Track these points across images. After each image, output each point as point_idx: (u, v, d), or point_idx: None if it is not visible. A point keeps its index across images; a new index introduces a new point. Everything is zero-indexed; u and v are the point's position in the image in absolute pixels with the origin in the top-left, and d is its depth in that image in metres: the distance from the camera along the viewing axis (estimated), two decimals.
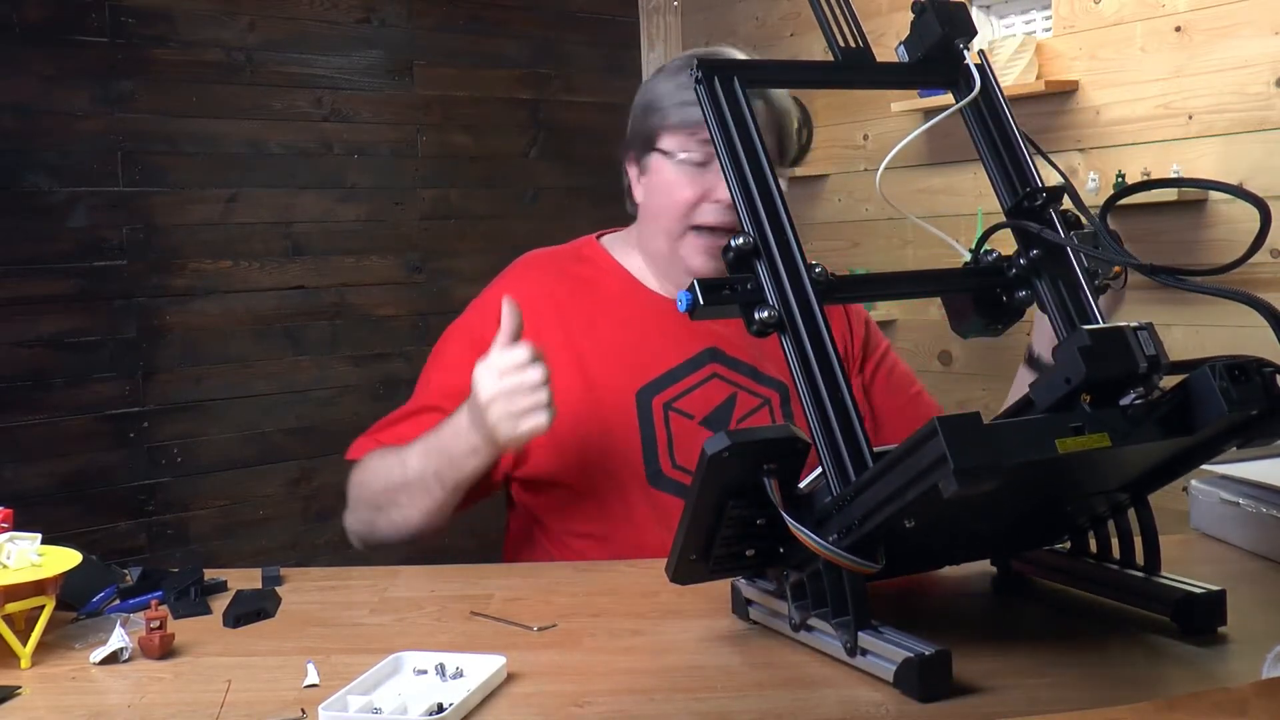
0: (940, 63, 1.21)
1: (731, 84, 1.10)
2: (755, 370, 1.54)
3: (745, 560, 1.07)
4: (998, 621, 1.17)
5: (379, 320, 3.70)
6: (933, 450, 0.87)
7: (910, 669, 0.94)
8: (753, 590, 1.13)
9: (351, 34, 3.65)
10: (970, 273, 1.17)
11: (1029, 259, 1.14)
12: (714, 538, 1.04)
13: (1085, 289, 1.12)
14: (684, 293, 1.02)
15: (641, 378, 1.51)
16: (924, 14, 1.19)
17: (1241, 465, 1.38)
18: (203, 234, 3.38)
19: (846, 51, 1.18)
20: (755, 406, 1.52)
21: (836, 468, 0.99)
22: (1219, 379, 0.95)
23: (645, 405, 1.50)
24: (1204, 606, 1.07)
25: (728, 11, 4.14)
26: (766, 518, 1.02)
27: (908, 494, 0.91)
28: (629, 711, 0.97)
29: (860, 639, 0.98)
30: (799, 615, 1.05)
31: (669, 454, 1.49)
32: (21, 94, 3.06)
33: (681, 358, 1.52)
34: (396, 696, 0.99)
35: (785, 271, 1.04)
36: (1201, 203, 2.84)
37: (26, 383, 3.08)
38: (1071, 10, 3.13)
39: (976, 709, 0.94)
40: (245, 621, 1.23)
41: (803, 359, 1.02)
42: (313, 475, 3.53)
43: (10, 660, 1.11)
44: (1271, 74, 2.75)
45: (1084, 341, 0.93)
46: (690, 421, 1.50)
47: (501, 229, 3.89)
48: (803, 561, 1.03)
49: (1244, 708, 0.80)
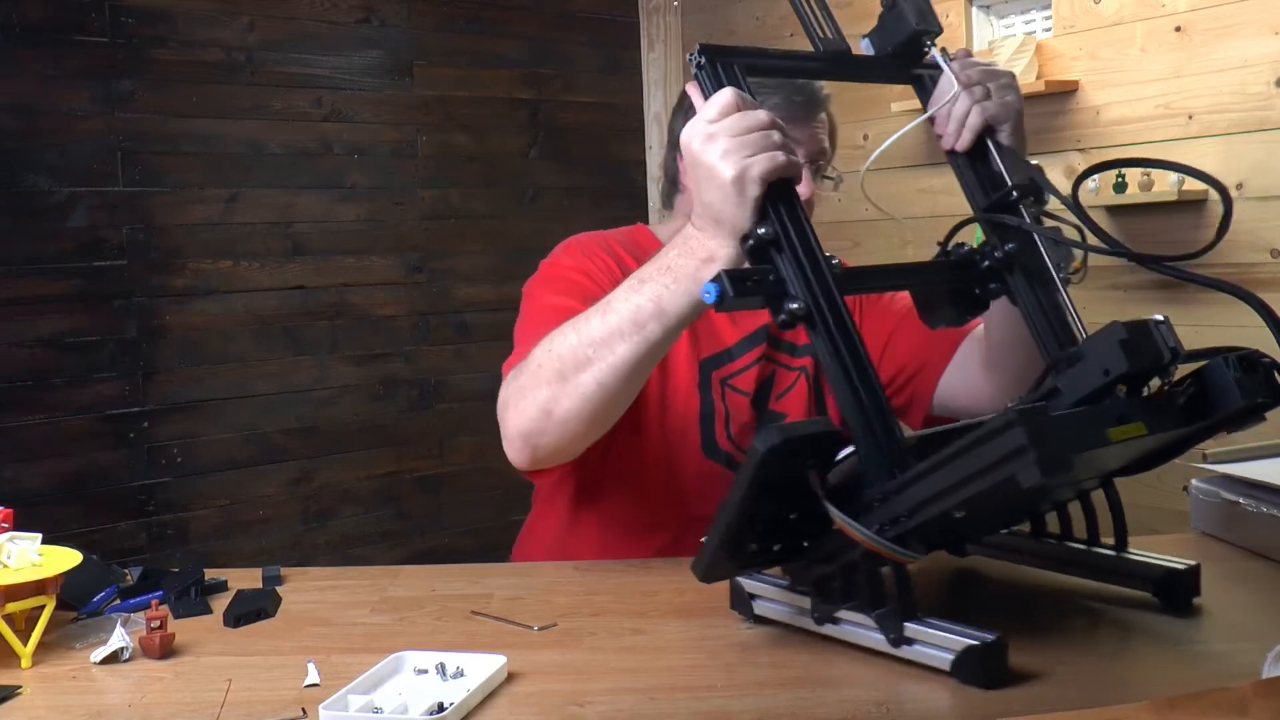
0: (912, 59, 1.22)
1: (733, 69, 1.10)
2: (793, 345, 1.58)
3: (772, 555, 1.06)
4: (990, 608, 1.18)
5: (379, 320, 3.70)
6: (1011, 441, 0.88)
7: (972, 657, 0.95)
8: (758, 585, 1.12)
9: (351, 34, 3.65)
10: (946, 266, 1.19)
11: (1003, 252, 1.16)
12: (747, 534, 1.03)
13: (1057, 283, 1.15)
14: (712, 284, 1.00)
15: (706, 350, 1.54)
16: (895, 8, 1.19)
17: (1241, 465, 1.38)
18: (203, 234, 3.38)
19: (826, 42, 1.19)
20: (792, 381, 1.56)
21: (874, 460, 0.99)
22: (1232, 369, 0.97)
23: (705, 378, 1.53)
24: (1184, 581, 1.13)
25: (728, 11, 4.14)
26: (799, 512, 1.02)
27: (975, 485, 0.91)
28: (629, 711, 0.97)
29: (907, 629, 0.98)
30: (825, 609, 1.04)
31: (725, 427, 1.52)
32: (21, 94, 3.06)
33: (738, 336, 1.56)
34: (397, 696, 1.00)
35: (807, 263, 1.04)
36: (1201, 202, 2.84)
37: (26, 383, 3.08)
38: (1071, 10, 3.13)
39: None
40: (245, 621, 1.23)
41: (834, 352, 1.02)
42: (313, 475, 3.53)
43: (10, 660, 1.11)
44: (1271, 74, 2.75)
45: (1122, 335, 0.94)
46: (744, 399, 1.54)
47: (501, 229, 3.89)
48: (833, 554, 1.02)
49: (1244, 708, 0.80)
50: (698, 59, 1.09)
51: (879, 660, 1.03)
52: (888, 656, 1.03)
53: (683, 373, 1.52)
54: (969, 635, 0.96)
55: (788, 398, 1.56)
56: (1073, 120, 3.15)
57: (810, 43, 1.19)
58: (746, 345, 1.56)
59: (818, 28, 1.19)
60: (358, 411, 3.64)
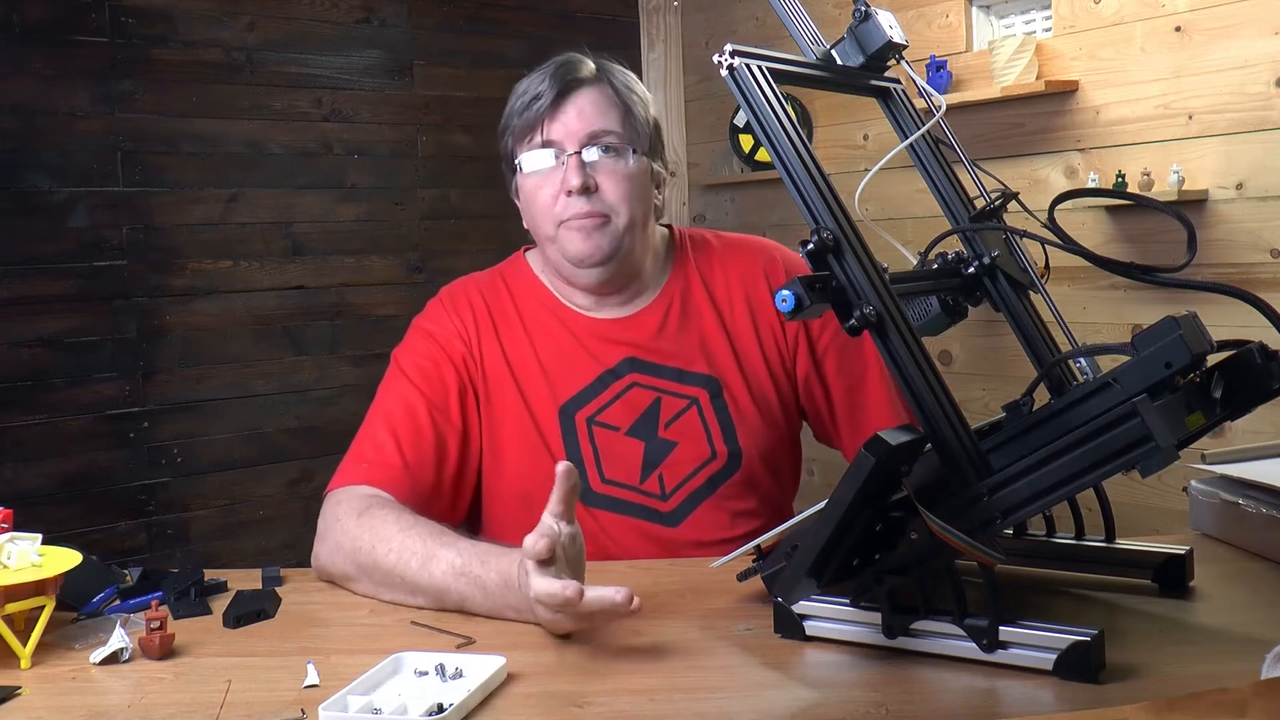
0: (875, 71, 1.22)
1: (762, 70, 1.07)
2: (679, 371, 1.53)
3: (850, 570, 1.04)
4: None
5: (379, 320, 3.70)
6: (1133, 433, 0.91)
7: (1080, 652, 0.95)
8: (811, 605, 1.09)
9: (351, 34, 3.65)
10: (928, 275, 1.19)
11: (988, 260, 1.18)
12: (837, 550, 1.01)
13: (1040, 287, 1.18)
14: (789, 293, 0.98)
15: (564, 394, 1.51)
16: (866, 20, 1.18)
17: (1241, 465, 1.38)
18: (203, 234, 3.38)
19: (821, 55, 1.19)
20: (682, 408, 1.51)
21: (959, 463, 0.99)
22: (1261, 359, 0.99)
23: (569, 421, 1.51)
24: (1181, 566, 1.20)
25: (728, 11, 4.14)
26: (885, 523, 1.01)
27: (1088, 479, 0.94)
28: (629, 711, 0.97)
29: (1001, 633, 0.99)
30: (900, 621, 1.03)
31: (597, 470, 1.49)
32: (21, 94, 3.06)
33: (599, 370, 1.52)
34: (396, 697, 1.00)
35: (870, 268, 1.02)
36: (1201, 203, 2.85)
37: (26, 383, 3.08)
38: (1071, 10, 3.13)
39: (979, 709, 0.94)
40: (245, 622, 1.23)
41: (908, 355, 1.01)
42: (313, 475, 3.52)
43: (10, 660, 1.11)
44: (1271, 74, 2.75)
45: (1180, 329, 0.94)
46: (615, 433, 1.50)
47: (501, 229, 3.87)
48: (908, 564, 1.01)
49: (1244, 708, 0.80)
50: (729, 61, 1.06)
51: (879, 660, 1.03)
52: (891, 656, 1.03)
53: (548, 427, 1.50)
54: (1069, 632, 0.96)
55: (678, 425, 1.50)
56: (1073, 120, 3.15)
57: (802, 53, 1.19)
58: (610, 378, 1.52)
59: (805, 34, 1.19)
60: (357, 411, 3.60)
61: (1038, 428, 0.98)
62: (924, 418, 1.01)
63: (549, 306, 1.57)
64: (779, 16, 1.18)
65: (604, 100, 1.50)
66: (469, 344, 1.55)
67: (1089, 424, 0.94)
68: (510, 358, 1.53)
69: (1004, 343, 3.13)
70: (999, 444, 1.00)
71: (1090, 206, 3.04)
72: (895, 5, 3.45)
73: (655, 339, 1.53)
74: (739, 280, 1.57)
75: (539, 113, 1.50)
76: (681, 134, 4.31)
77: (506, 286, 1.60)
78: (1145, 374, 0.94)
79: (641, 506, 1.49)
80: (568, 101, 1.49)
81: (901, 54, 1.20)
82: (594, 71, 1.52)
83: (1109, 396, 0.95)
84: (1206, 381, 1.00)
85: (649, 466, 1.49)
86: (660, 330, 1.54)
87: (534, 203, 1.53)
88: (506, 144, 1.56)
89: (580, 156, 1.48)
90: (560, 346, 1.54)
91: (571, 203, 1.48)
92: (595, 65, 1.53)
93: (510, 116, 1.54)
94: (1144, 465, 0.92)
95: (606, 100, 1.50)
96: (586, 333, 1.53)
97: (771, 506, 1.54)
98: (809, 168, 1.04)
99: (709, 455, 1.50)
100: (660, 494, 1.49)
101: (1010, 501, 0.98)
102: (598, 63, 1.53)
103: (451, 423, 1.49)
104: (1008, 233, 1.16)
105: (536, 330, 1.55)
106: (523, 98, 1.52)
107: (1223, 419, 1.01)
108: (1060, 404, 0.98)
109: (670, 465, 1.49)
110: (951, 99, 3.20)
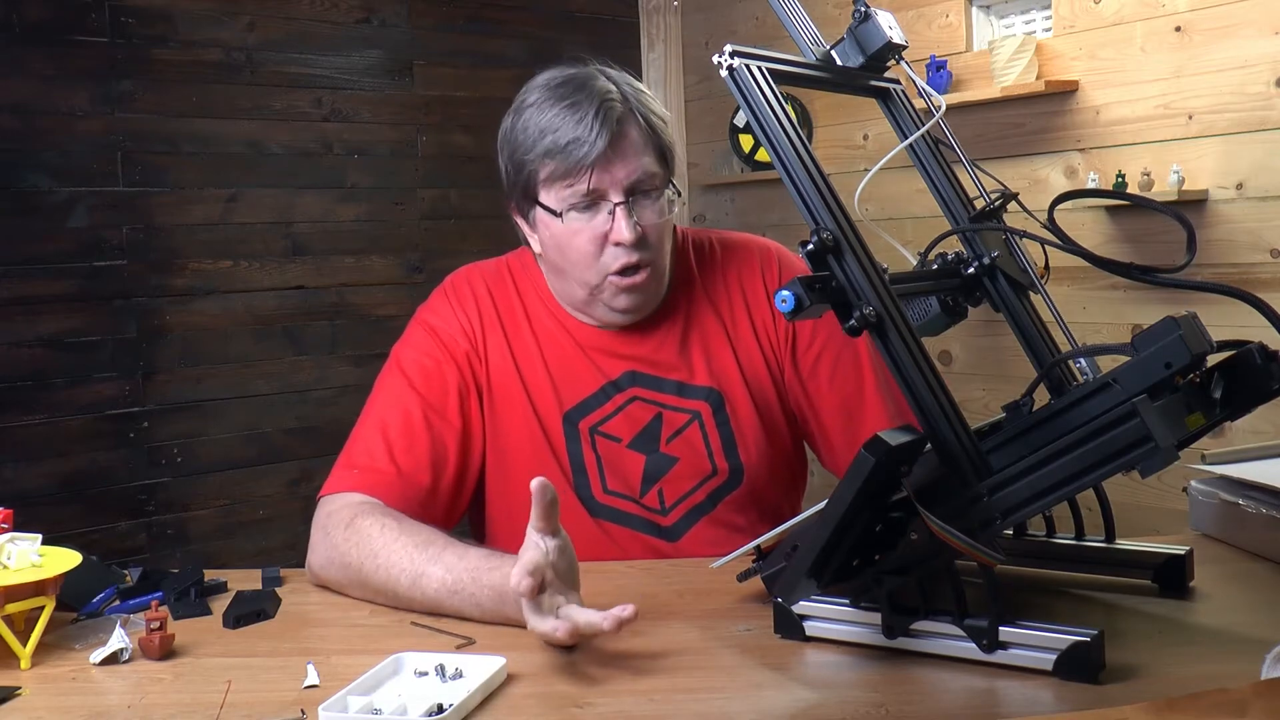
0: (874, 72, 1.22)
1: (762, 70, 1.07)
2: (680, 385, 1.51)
3: (850, 571, 1.04)
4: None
5: (379, 320, 3.70)
6: (1133, 433, 0.91)
7: (1080, 653, 0.95)
8: (811, 605, 1.09)
9: (351, 34, 3.65)
10: (928, 275, 1.19)
11: (988, 260, 1.18)
12: (838, 550, 1.01)
13: (1040, 288, 1.18)
14: (788, 294, 0.98)
15: (568, 400, 1.50)
16: (866, 21, 1.18)
17: (1241, 466, 1.38)
18: (203, 234, 3.38)
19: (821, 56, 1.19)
20: (684, 423, 1.50)
21: (959, 464, 0.99)
22: (1261, 360, 0.99)
23: (573, 429, 1.50)
24: (1181, 566, 1.20)
25: (727, 11, 4.14)
26: (885, 523, 1.01)
27: (1087, 479, 0.95)
28: (629, 712, 0.97)
29: (1001, 633, 0.99)
30: (899, 622, 1.03)
31: (600, 480, 1.49)
32: (21, 94, 3.06)
33: (602, 380, 1.51)
34: (396, 697, 1.00)
35: (870, 268, 1.02)
36: (1201, 203, 2.85)
37: (26, 383, 3.08)
38: (1071, 10, 3.13)
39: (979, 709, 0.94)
40: (245, 622, 1.23)
41: (908, 356, 1.01)
42: (313, 475, 3.52)
43: (10, 660, 1.11)
44: (1271, 74, 2.75)
45: (1181, 329, 0.94)
46: (618, 445, 1.49)
47: (501, 229, 3.85)
48: (908, 565, 1.01)
49: (1243, 708, 0.80)
50: (729, 62, 1.05)
51: (879, 661, 1.03)
52: (891, 657, 1.03)
53: (553, 432, 1.49)
54: (1069, 633, 0.96)
55: (679, 441, 1.49)
56: (1073, 120, 3.15)
57: (803, 54, 1.19)
58: (612, 389, 1.50)
59: (805, 35, 1.19)
60: (358, 412, 3.62)
61: (1038, 428, 0.98)
62: (924, 418, 1.01)
63: (554, 314, 1.55)
64: (779, 17, 1.19)
65: (640, 139, 1.43)
66: (474, 340, 1.53)
67: (1089, 424, 0.95)
68: (518, 359, 1.52)
69: (1004, 343, 3.13)
70: (999, 444, 1.00)
71: (1090, 207, 3.04)
72: (895, 5, 3.45)
73: (658, 352, 1.52)
74: (738, 281, 1.56)
75: (582, 162, 1.40)
76: (681, 134, 4.31)
77: (514, 284, 1.58)
78: (1145, 374, 0.94)
79: (642, 520, 1.48)
80: (613, 149, 1.40)
81: (901, 54, 1.20)
82: (624, 106, 1.43)
83: (1109, 397, 0.95)
84: (1206, 382, 1.00)
85: (649, 481, 1.48)
86: (663, 343, 1.52)
87: (570, 247, 1.45)
88: (527, 177, 1.46)
89: (628, 206, 1.41)
90: (565, 353, 1.52)
91: (620, 253, 1.42)
92: (620, 94, 1.44)
93: (533, 149, 1.44)
94: (1144, 465, 0.92)
95: (642, 138, 1.43)
96: (590, 343, 1.52)
97: (774, 520, 1.52)
98: (809, 168, 1.04)
99: (710, 471, 1.49)
100: (660, 509, 1.48)
101: (1010, 502, 0.98)
102: (620, 88, 1.45)
103: (450, 424, 1.49)
104: (1007, 233, 1.16)
105: (543, 335, 1.54)
106: (555, 136, 1.41)
107: (1223, 419, 1.01)
108: (1060, 404, 0.98)
109: (670, 480, 1.48)
110: (951, 99, 3.20)
